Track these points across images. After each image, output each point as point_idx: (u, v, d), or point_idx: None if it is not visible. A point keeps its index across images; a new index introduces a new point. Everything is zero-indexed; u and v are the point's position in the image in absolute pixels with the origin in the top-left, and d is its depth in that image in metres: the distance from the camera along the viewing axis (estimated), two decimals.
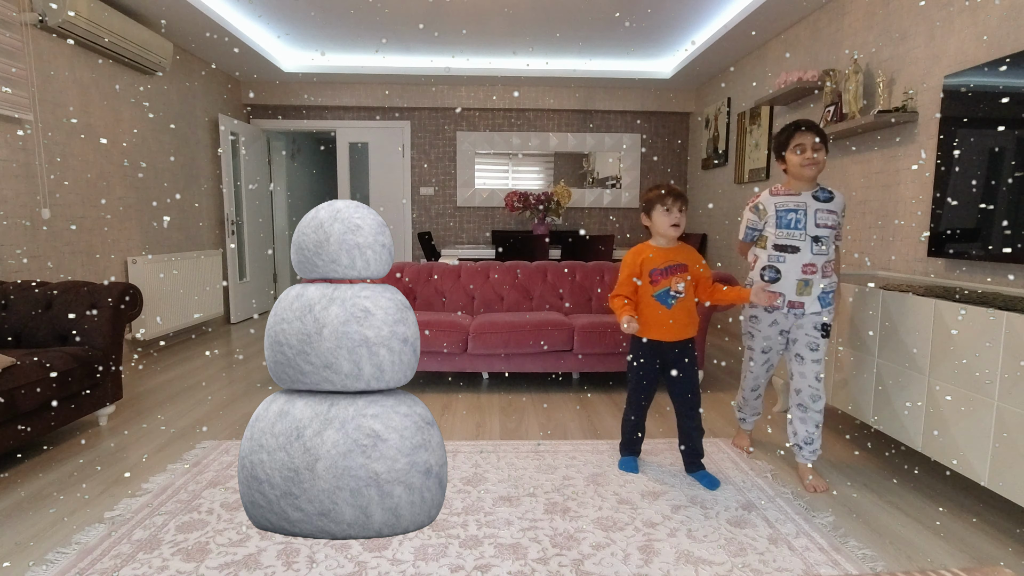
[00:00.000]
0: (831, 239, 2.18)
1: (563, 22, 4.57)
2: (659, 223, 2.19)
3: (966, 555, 1.79)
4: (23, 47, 3.15)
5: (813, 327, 2.20)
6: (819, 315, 2.20)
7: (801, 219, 2.16)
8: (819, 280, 2.17)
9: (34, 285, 2.77)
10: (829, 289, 2.20)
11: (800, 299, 2.19)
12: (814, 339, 2.20)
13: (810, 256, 2.16)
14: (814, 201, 2.17)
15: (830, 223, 2.16)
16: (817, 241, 2.15)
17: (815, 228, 2.15)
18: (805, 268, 2.17)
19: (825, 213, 2.16)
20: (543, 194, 5.61)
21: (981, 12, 2.55)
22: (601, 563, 1.70)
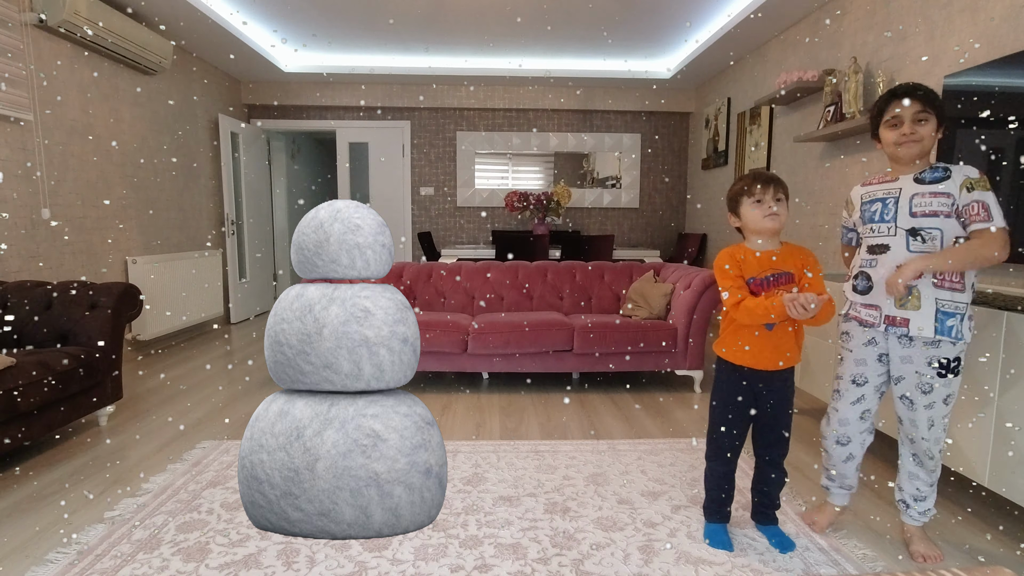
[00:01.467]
0: (946, 232, 1.61)
1: (563, 22, 4.57)
2: (750, 219, 1.69)
3: (966, 555, 1.79)
4: (23, 47, 3.15)
5: (927, 363, 1.65)
6: (936, 346, 1.63)
7: (890, 208, 1.68)
8: (930, 289, 1.62)
9: (34, 285, 2.77)
10: (955, 311, 1.61)
11: (902, 314, 1.66)
12: (926, 379, 1.66)
13: (905, 254, 1.65)
14: (914, 184, 1.67)
15: (937, 208, 1.61)
16: (915, 235, 1.63)
17: (909, 218, 1.64)
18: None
19: (928, 197, 1.62)
20: (543, 194, 5.61)
21: (981, 12, 2.55)
22: (601, 563, 1.70)
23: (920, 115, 1.64)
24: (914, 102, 1.64)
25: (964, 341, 1.63)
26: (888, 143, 1.70)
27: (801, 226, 4.05)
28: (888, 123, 1.69)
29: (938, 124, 1.65)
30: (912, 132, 1.64)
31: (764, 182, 1.67)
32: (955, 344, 1.62)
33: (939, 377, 1.64)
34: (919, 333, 1.64)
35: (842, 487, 1.90)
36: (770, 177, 1.68)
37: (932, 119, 1.64)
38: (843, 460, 1.86)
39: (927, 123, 1.64)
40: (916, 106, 1.63)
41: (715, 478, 1.83)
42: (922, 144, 1.64)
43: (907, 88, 1.66)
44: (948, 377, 1.64)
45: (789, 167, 4.25)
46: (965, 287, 1.62)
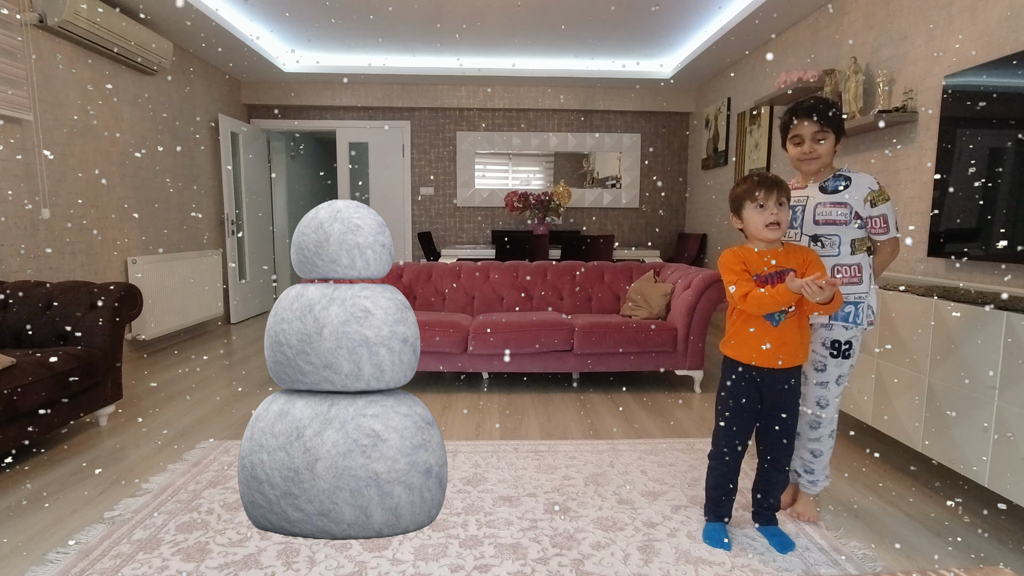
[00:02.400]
0: (843, 237, 1.80)
1: (563, 22, 4.57)
2: (752, 224, 1.71)
3: (966, 555, 1.79)
4: (23, 47, 3.15)
5: (821, 343, 1.85)
6: (829, 328, 1.83)
7: (798, 216, 1.86)
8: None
9: (34, 285, 2.77)
10: (852, 300, 1.81)
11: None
12: (819, 358, 1.86)
13: None
14: (819, 193, 1.83)
15: (836, 218, 1.79)
16: (816, 241, 1.83)
17: (813, 226, 1.83)
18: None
19: (829, 207, 1.80)
20: (543, 194, 5.61)
21: (981, 12, 2.55)
22: (601, 563, 1.70)
23: (819, 135, 1.79)
24: (812, 123, 1.79)
25: (860, 327, 1.83)
26: (792, 158, 1.88)
27: None
28: (792, 140, 1.86)
29: (836, 139, 1.81)
30: (811, 151, 1.81)
31: (768, 187, 1.68)
32: (848, 328, 1.82)
33: (831, 357, 1.85)
34: (816, 318, 1.85)
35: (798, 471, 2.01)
36: (774, 181, 1.69)
37: (830, 136, 1.80)
38: None
39: (826, 141, 1.80)
40: (815, 126, 1.79)
41: (717, 477, 1.83)
42: (821, 160, 1.82)
43: (807, 107, 1.80)
44: (839, 359, 1.84)
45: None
46: (862, 279, 1.82)
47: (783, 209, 1.68)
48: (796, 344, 1.71)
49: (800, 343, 1.72)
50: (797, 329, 1.71)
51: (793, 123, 1.83)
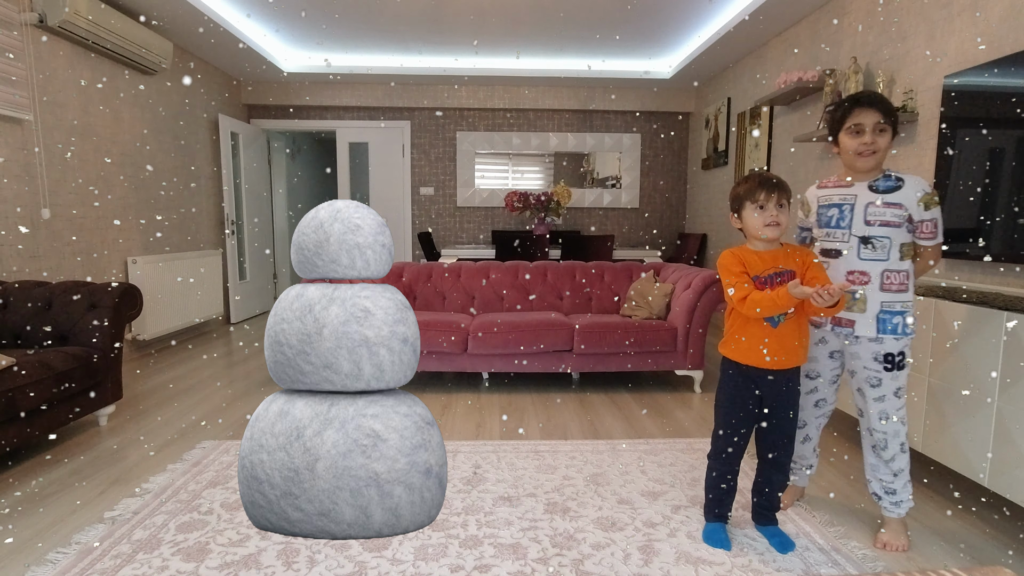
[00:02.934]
0: (895, 240, 1.70)
1: (563, 22, 4.57)
2: (750, 224, 1.70)
3: (966, 555, 1.79)
4: (23, 47, 3.15)
5: (873, 358, 1.75)
6: (879, 342, 1.73)
7: (845, 215, 1.76)
8: (876, 293, 1.72)
9: (34, 285, 2.77)
10: (899, 309, 1.71)
11: (847, 316, 1.77)
12: (874, 373, 1.75)
13: (855, 261, 1.74)
14: (869, 193, 1.73)
15: (890, 219, 1.69)
16: (866, 243, 1.72)
17: (864, 226, 1.72)
18: (850, 277, 1.75)
19: (882, 207, 1.70)
20: (543, 194, 5.61)
21: (981, 12, 2.55)
22: (601, 563, 1.70)
23: (881, 125, 1.69)
24: (876, 112, 1.68)
25: (908, 336, 1.73)
26: (847, 150, 1.74)
27: None
28: (848, 130, 1.73)
29: (892, 136, 1.71)
30: (872, 143, 1.69)
31: (768, 188, 1.66)
32: (898, 340, 1.73)
33: (886, 371, 1.74)
34: (862, 333, 1.75)
35: (804, 465, 2.05)
36: (775, 183, 1.67)
37: (890, 131, 1.70)
38: (800, 441, 2.01)
39: (885, 134, 1.70)
40: (877, 116, 1.68)
41: (716, 477, 1.83)
42: (877, 156, 1.71)
43: (871, 96, 1.70)
44: (894, 371, 1.74)
45: (789, 167, 4.25)
46: (909, 287, 1.74)
47: (783, 211, 1.67)
48: (794, 345, 1.71)
49: (799, 344, 1.72)
50: (796, 330, 1.71)
51: (853, 112, 1.70)
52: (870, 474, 1.85)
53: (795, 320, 1.70)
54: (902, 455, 1.78)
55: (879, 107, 1.68)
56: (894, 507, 1.81)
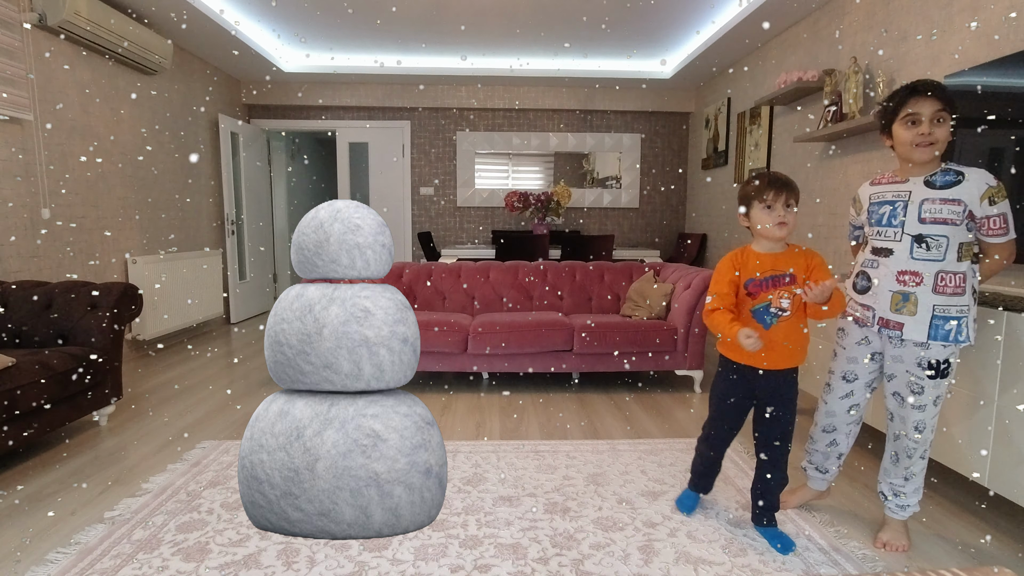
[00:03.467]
0: (952, 240, 1.60)
1: (563, 22, 4.57)
2: (758, 222, 1.69)
3: (966, 555, 1.79)
4: (23, 47, 3.15)
5: (917, 363, 1.66)
6: (926, 347, 1.65)
7: (899, 212, 1.66)
8: (928, 296, 1.62)
9: (34, 285, 2.77)
10: (954, 315, 1.61)
11: (896, 318, 1.67)
12: (917, 380, 1.67)
13: (907, 261, 1.64)
14: (924, 188, 1.63)
15: (947, 216, 1.58)
16: (920, 242, 1.62)
17: (917, 224, 1.62)
18: (901, 277, 1.65)
19: (938, 204, 1.59)
20: (543, 194, 5.61)
21: (981, 12, 2.55)
22: (601, 563, 1.70)
23: (939, 114, 1.58)
24: (934, 100, 1.57)
25: (961, 343, 1.64)
26: (903, 142, 1.63)
27: (801, 226, 4.05)
28: (904, 120, 1.62)
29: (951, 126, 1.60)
30: (930, 133, 1.58)
31: (778, 188, 1.64)
32: (946, 347, 1.64)
33: (929, 379, 1.66)
34: (911, 337, 1.66)
35: (819, 470, 1.98)
36: (784, 183, 1.65)
37: (948, 120, 1.59)
38: (827, 444, 1.94)
39: (943, 124, 1.59)
40: (936, 105, 1.58)
41: (701, 462, 1.96)
42: (936, 147, 1.60)
43: (929, 84, 1.59)
44: (938, 379, 1.66)
45: (789, 167, 4.25)
46: (966, 291, 1.62)
47: (790, 212, 1.65)
48: (785, 347, 1.71)
49: (791, 346, 1.71)
50: (787, 333, 1.71)
51: (909, 101, 1.60)
52: (883, 476, 1.82)
53: (788, 323, 1.70)
54: (920, 463, 1.75)
55: (938, 95, 1.58)
56: (899, 509, 1.80)
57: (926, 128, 1.58)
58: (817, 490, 2.02)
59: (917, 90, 1.60)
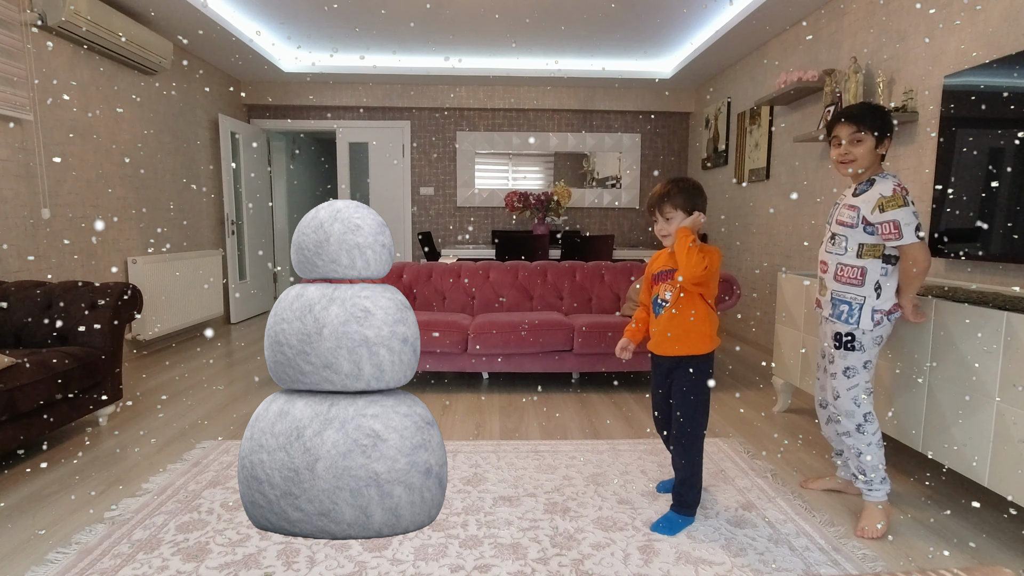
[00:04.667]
0: (851, 239, 1.87)
1: (563, 22, 4.57)
2: None
3: (966, 555, 1.79)
4: (23, 47, 3.15)
5: (830, 336, 1.96)
6: (832, 323, 1.94)
7: (832, 213, 1.99)
8: (831, 282, 1.95)
9: (34, 285, 2.77)
10: (847, 299, 1.89)
11: (820, 298, 2.02)
12: (829, 349, 1.97)
13: (823, 253, 1.98)
14: (849, 196, 1.92)
15: (846, 220, 1.88)
16: (832, 239, 1.93)
17: (835, 225, 1.93)
18: (820, 266, 2.00)
19: (844, 209, 1.90)
20: (543, 194, 5.61)
21: (981, 12, 2.55)
22: (601, 563, 1.70)
23: (855, 135, 1.84)
24: (848, 124, 1.85)
25: (858, 327, 1.87)
26: (832, 160, 1.94)
27: (801, 226, 4.05)
28: (833, 142, 1.92)
29: (877, 141, 1.83)
30: (847, 152, 1.86)
31: (650, 205, 1.93)
32: (847, 323, 1.89)
33: (835, 349, 1.92)
34: (824, 314, 1.98)
35: (836, 453, 2.17)
36: (658, 199, 1.89)
37: (868, 138, 1.82)
38: (825, 422, 2.13)
39: (862, 143, 1.83)
40: (850, 127, 1.84)
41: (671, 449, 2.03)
42: (857, 163, 1.86)
43: (851, 111, 1.86)
44: (842, 350, 1.91)
45: (789, 167, 4.25)
46: (864, 283, 1.87)
47: (669, 223, 1.88)
48: (670, 337, 1.89)
49: (674, 337, 1.88)
50: (668, 324, 1.89)
51: (832, 126, 1.90)
52: (846, 452, 1.99)
53: (672, 315, 1.88)
54: (860, 436, 1.90)
55: (853, 119, 1.84)
56: (867, 489, 1.92)
57: (843, 149, 1.87)
58: (842, 478, 2.16)
59: (838, 117, 1.89)
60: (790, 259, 4.21)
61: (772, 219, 4.49)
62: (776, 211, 4.44)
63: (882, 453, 1.90)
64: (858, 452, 1.91)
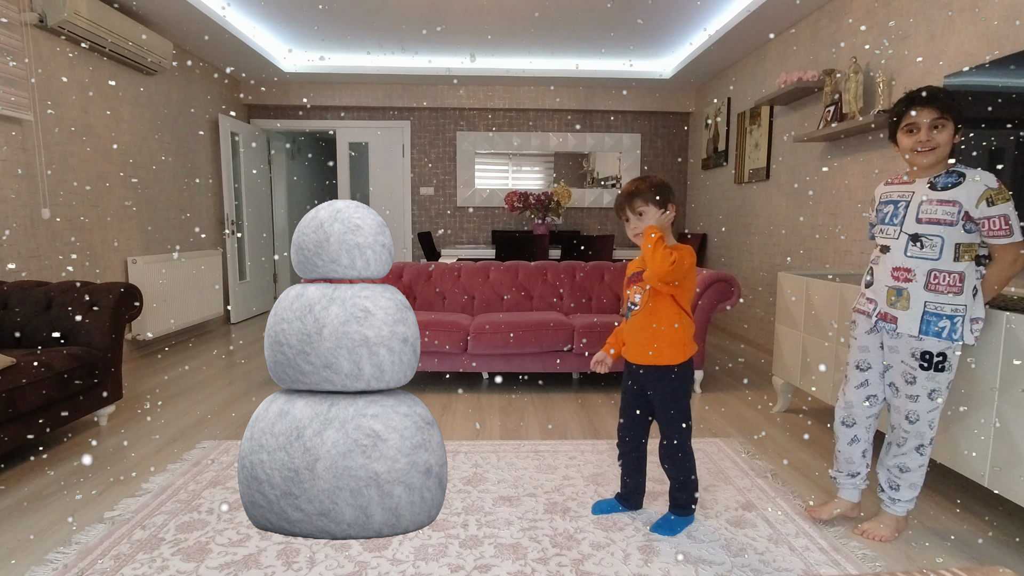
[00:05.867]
0: (947, 239, 1.65)
1: (563, 22, 4.57)
2: None
3: (966, 555, 1.79)
4: (23, 47, 3.15)
5: (911, 354, 1.73)
6: (920, 340, 1.70)
7: (899, 212, 1.74)
8: (919, 292, 1.69)
9: (34, 285, 2.77)
10: (948, 313, 1.66)
11: (892, 311, 1.75)
12: (909, 369, 1.73)
13: (902, 258, 1.72)
14: (926, 190, 1.70)
15: (941, 217, 1.64)
16: (915, 241, 1.69)
17: (915, 224, 1.69)
18: (895, 273, 1.73)
19: (935, 205, 1.66)
20: (543, 194, 5.61)
21: (981, 12, 2.55)
22: (601, 563, 1.70)
23: (937, 121, 1.66)
24: (931, 109, 1.65)
25: (955, 342, 1.68)
26: (905, 149, 1.73)
27: (802, 226, 4.05)
28: (905, 128, 1.71)
29: (955, 128, 1.67)
30: (928, 140, 1.67)
31: (619, 204, 1.82)
32: (940, 341, 1.69)
33: (921, 370, 1.71)
34: (905, 331, 1.73)
35: (849, 475, 1.93)
36: (626, 197, 1.79)
37: (949, 125, 1.66)
38: (848, 442, 1.93)
39: (944, 129, 1.66)
40: (933, 113, 1.65)
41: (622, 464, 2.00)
42: (937, 152, 1.67)
43: (930, 92, 1.66)
44: (931, 371, 1.71)
45: (789, 167, 4.25)
46: (963, 290, 1.66)
47: (641, 218, 1.77)
48: (641, 342, 1.81)
49: (645, 343, 1.80)
50: (643, 327, 1.81)
51: (907, 110, 1.69)
52: (880, 466, 1.86)
53: (639, 318, 1.82)
54: (916, 455, 1.77)
55: (935, 103, 1.65)
56: (891, 503, 1.84)
57: (924, 135, 1.67)
58: (848, 500, 1.95)
59: (915, 99, 1.68)
60: (790, 259, 4.21)
61: (772, 219, 4.49)
62: (776, 211, 4.44)
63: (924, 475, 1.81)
64: (905, 470, 1.79)
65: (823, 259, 3.76)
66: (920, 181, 1.74)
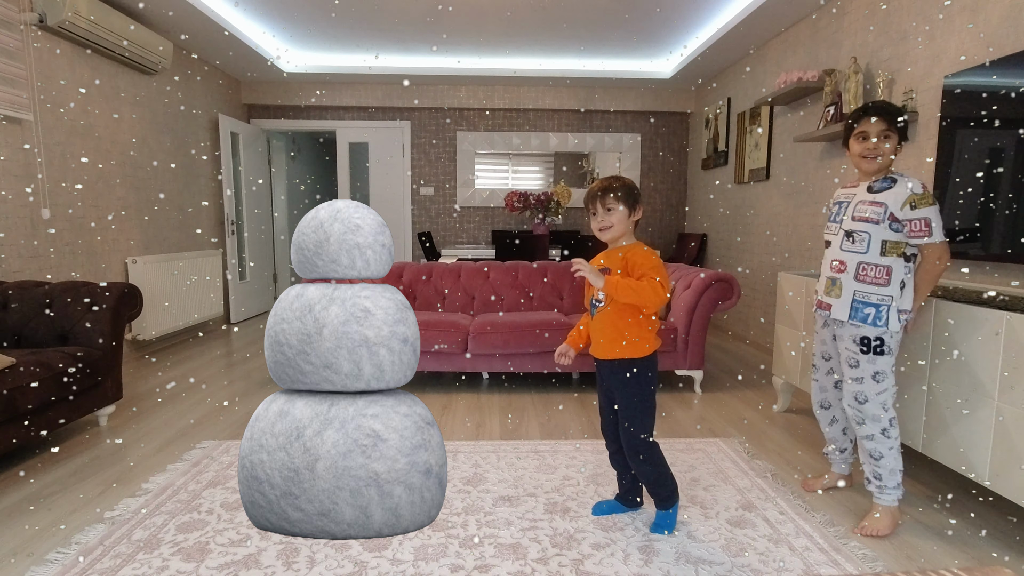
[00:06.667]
0: (874, 236, 1.84)
1: (563, 22, 4.57)
2: None
3: (966, 555, 1.79)
4: (23, 47, 3.15)
5: (852, 339, 1.90)
6: (856, 327, 1.89)
7: (842, 211, 1.96)
8: (850, 282, 1.90)
9: (34, 285, 2.77)
10: (874, 301, 1.85)
11: (827, 300, 1.97)
12: (852, 354, 1.91)
13: (838, 252, 1.94)
14: (865, 192, 1.91)
15: (869, 215, 1.84)
16: (849, 236, 1.90)
17: (851, 221, 1.90)
18: (833, 265, 1.95)
19: (867, 205, 1.86)
20: (543, 194, 5.61)
21: (981, 12, 2.55)
22: (601, 563, 1.70)
23: (885, 132, 1.85)
24: (882, 120, 1.85)
25: (887, 329, 1.85)
26: (855, 154, 1.93)
27: (801, 226, 4.05)
28: (857, 135, 1.91)
29: (899, 143, 1.87)
30: (875, 147, 1.87)
31: (591, 198, 1.83)
32: (875, 327, 1.86)
33: (862, 354, 1.88)
34: (836, 316, 1.93)
35: (839, 450, 2.18)
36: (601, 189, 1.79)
37: (894, 138, 1.86)
38: (828, 423, 2.18)
39: (890, 140, 1.86)
40: (883, 125, 1.85)
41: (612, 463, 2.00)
42: (883, 159, 1.88)
43: (879, 106, 1.87)
44: (871, 355, 1.87)
45: (789, 167, 4.25)
46: (890, 282, 1.85)
47: (610, 214, 1.78)
48: (605, 338, 1.82)
49: (609, 339, 1.81)
50: (604, 324, 1.82)
51: (861, 120, 1.89)
52: (862, 455, 1.96)
53: (605, 315, 1.82)
54: (885, 440, 1.89)
55: (884, 116, 1.84)
56: (880, 492, 1.92)
57: (872, 144, 1.86)
58: (839, 473, 2.20)
59: (867, 111, 1.88)
60: (790, 259, 4.21)
61: (772, 219, 4.49)
62: (776, 211, 4.44)
63: (900, 457, 1.90)
64: (879, 456, 1.89)
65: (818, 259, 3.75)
66: (863, 184, 1.94)
